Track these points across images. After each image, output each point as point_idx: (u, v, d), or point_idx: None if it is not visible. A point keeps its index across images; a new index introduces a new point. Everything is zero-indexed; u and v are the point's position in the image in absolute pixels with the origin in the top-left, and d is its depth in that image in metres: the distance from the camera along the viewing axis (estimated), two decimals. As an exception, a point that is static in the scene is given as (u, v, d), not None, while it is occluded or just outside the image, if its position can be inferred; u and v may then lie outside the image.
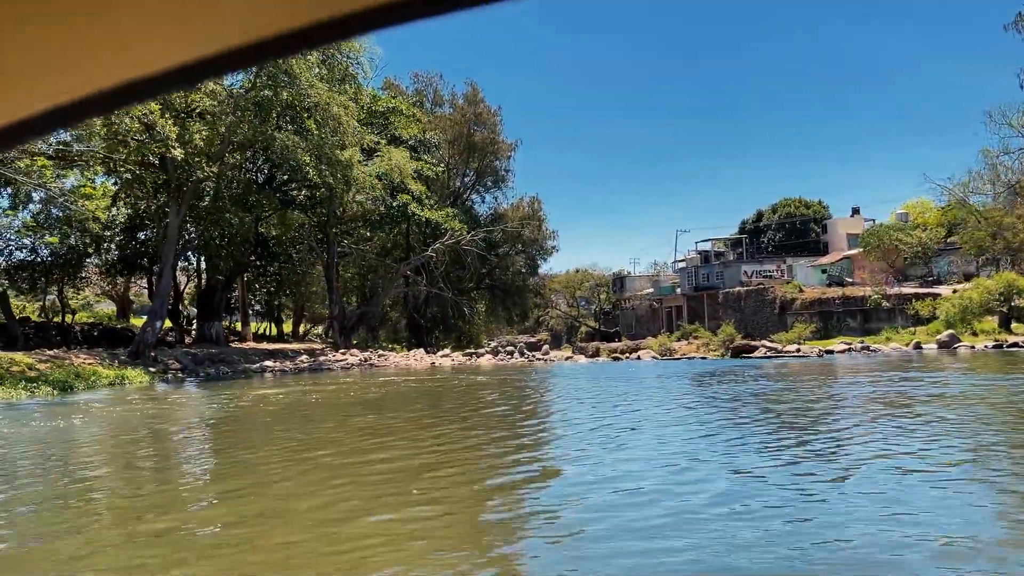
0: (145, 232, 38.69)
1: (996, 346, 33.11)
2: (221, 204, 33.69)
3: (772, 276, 53.10)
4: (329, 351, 40.03)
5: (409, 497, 7.14)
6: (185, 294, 48.05)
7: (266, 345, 42.83)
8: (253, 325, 51.91)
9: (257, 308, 53.37)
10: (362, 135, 36.47)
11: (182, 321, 43.49)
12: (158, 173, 31.52)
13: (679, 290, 60.55)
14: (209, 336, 38.89)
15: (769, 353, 36.10)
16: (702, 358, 38.15)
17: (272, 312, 53.42)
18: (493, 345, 47.60)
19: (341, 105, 33.49)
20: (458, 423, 13.07)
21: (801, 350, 36.66)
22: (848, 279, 52.25)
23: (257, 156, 37.88)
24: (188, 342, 39.79)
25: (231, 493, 7.61)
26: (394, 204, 42.10)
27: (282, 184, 38.68)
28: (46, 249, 33.88)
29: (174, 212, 31.81)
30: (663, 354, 42.28)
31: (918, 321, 40.78)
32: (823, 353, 35.06)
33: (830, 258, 58.39)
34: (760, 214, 71.32)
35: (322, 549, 5.46)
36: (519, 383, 23.40)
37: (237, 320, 49.03)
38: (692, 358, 38.71)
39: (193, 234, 37.37)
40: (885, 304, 43.74)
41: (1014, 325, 36.75)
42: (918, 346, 35.34)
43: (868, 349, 36.10)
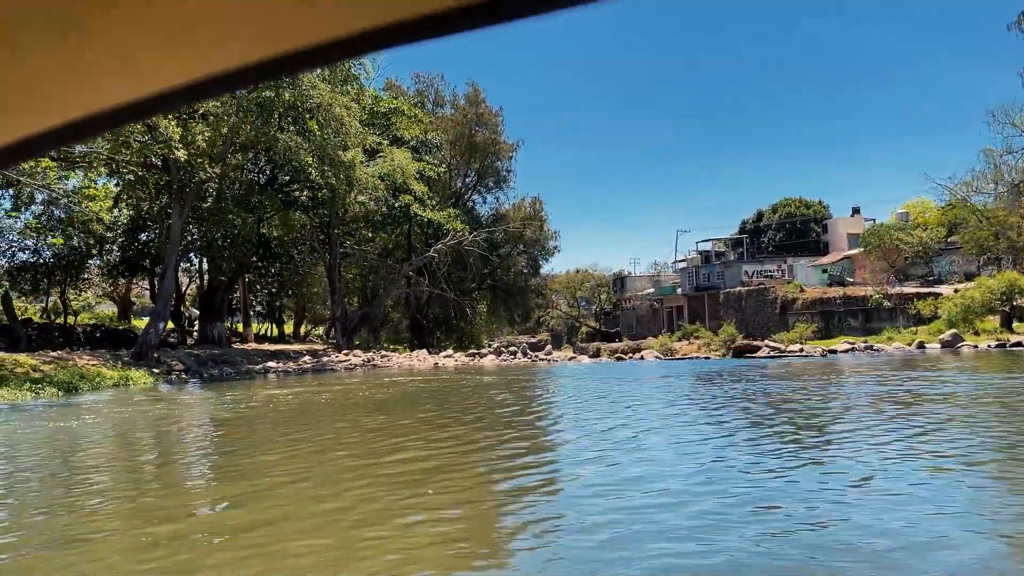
0: (147, 233, 38.67)
1: (999, 345, 33.16)
2: (224, 205, 33.65)
3: (773, 276, 53.12)
4: (332, 352, 39.98)
5: (429, 499, 7.11)
6: (187, 295, 47.98)
7: (268, 346, 42.78)
8: (254, 326, 51.86)
9: (258, 309, 53.33)
10: (364, 136, 36.42)
11: (184, 322, 43.44)
12: (160, 174, 31.45)
13: (680, 290, 60.58)
14: (211, 337, 38.84)
15: (772, 353, 36.11)
16: (705, 358, 38.15)
17: (273, 313, 53.40)
18: (496, 346, 47.55)
19: (343, 106, 33.44)
20: (471, 423, 13.04)
21: (804, 350, 36.68)
22: (849, 279, 52.29)
23: (259, 157, 37.84)
24: (190, 343, 39.75)
25: (250, 495, 7.57)
26: (396, 205, 42.06)
27: (284, 185, 38.62)
28: (49, 250, 33.82)
29: (177, 213, 31.76)
30: (665, 354, 42.28)
31: (919, 321, 40.82)
32: (826, 353, 35.08)
33: (831, 258, 58.43)
34: (760, 214, 71.38)
35: (346, 554, 5.43)
36: (527, 383, 23.38)
37: (239, 321, 48.97)
38: (695, 358, 38.71)
39: (195, 235, 37.33)
40: (887, 304, 43.78)
41: (1015, 324, 36.78)
42: (921, 345, 35.38)
43: (871, 349, 36.12)
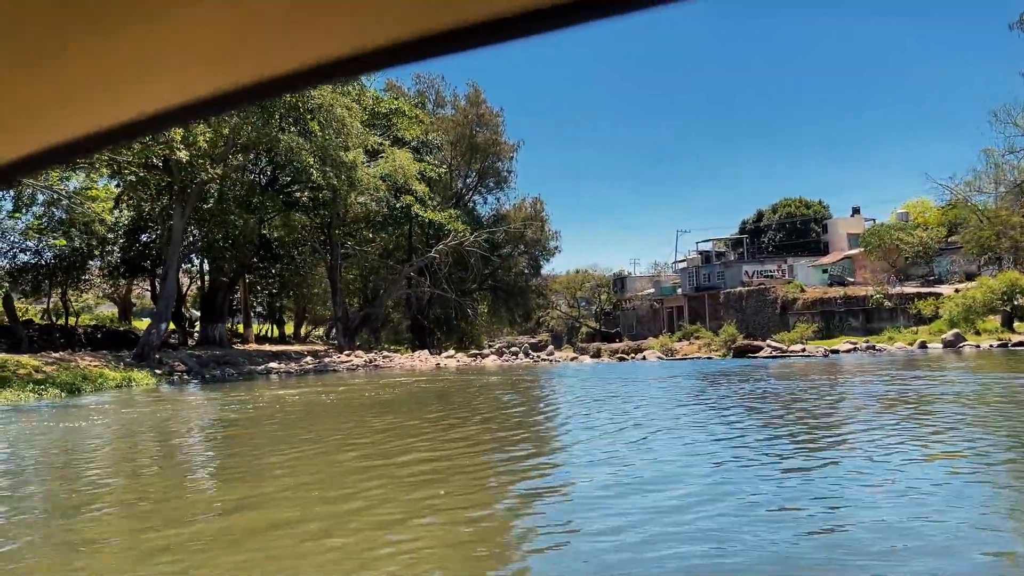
0: (148, 234, 38.59)
1: (1001, 345, 33.19)
2: (225, 206, 33.60)
3: (773, 276, 53.14)
4: (333, 353, 39.93)
5: (442, 500, 7.08)
6: (187, 296, 47.91)
7: (268, 347, 42.70)
8: (255, 327, 51.77)
9: (258, 310, 53.25)
10: (366, 136, 36.39)
11: (185, 323, 43.38)
12: (162, 175, 31.39)
13: (680, 290, 60.59)
14: (212, 338, 38.77)
15: (775, 353, 36.10)
16: (708, 358, 38.14)
17: (274, 314, 53.31)
18: (498, 346, 47.52)
19: (345, 107, 33.42)
20: (481, 424, 13.01)
21: (807, 350, 36.68)
22: (849, 279, 52.33)
23: (260, 158, 37.79)
24: (191, 344, 39.68)
25: (266, 497, 7.53)
26: (398, 205, 42.03)
27: (285, 186, 38.58)
28: (50, 251, 33.76)
29: (178, 214, 31.70)
30: (666, 354, 42.28)
31: (920, 320, 40.85)
32: (829, 353, 35.07)
33: (831, 258, 58.47)
34: (760, 214, 71.42)
35: (363, 556, 5.40)
36: (532, 384, 23.36)
37: (239, 322, 48.89)
38: (697, 358, 38.70)
39: (196, 236, 37.26)
40: (887, 304, 43.81)
41: (1016, 324, 36.80)
42: (923, 345, 35.39)
43: (874, 349, 36.13)
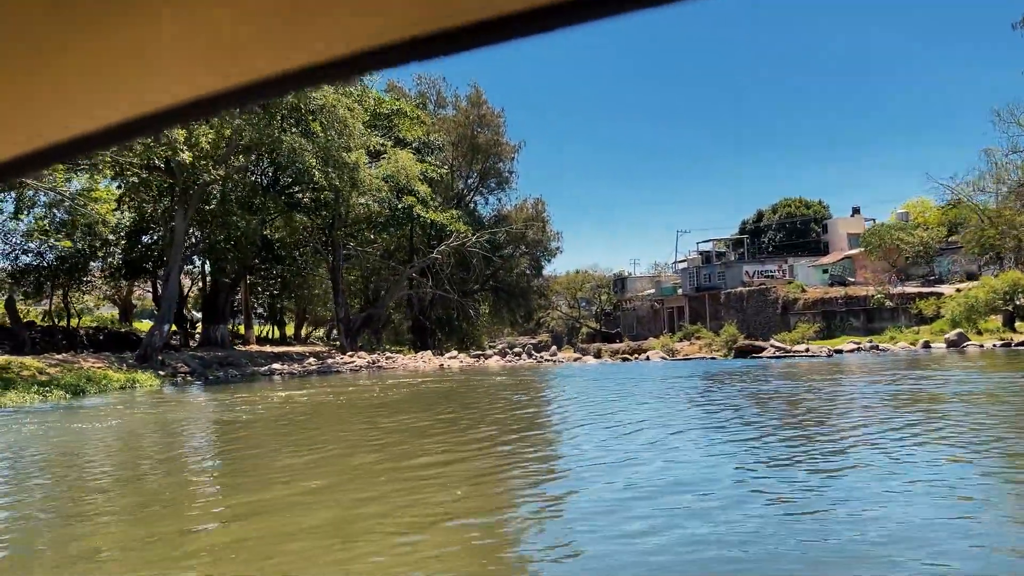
0: (150, 236, 38.51)
1: (1004, 344, 33.26)
2: (227, 207, 33.53)
3: (774, 276, 53.21)
4: (335, 353, 39.87)
5: (461, 503, 7.07)
6: (189, 297, 47.80)
7: (270, 348, 42.61)
8: (255, 328, 51.67)
9: (259, 311, 53.15)
10: (368, 137, 36.35)
11: (187, 324, 43.28)
12: (164, 177, 31.33)
13: (680, 290, 60.65)
14: (214, 339, 38.69)
15: (778, 353, 36.09)
16: (710, 359, 38.14)
17: (275, 315, 53.21)
18: (500, 347, 47.49)
19: (347, 107, 33.38)
20: (494, 425, 12.96)
21: (810, 350, 36.70)
22: (850, 279, 52.40)
23: (262, 159, 37.72)
24: (193, 345, 39.59)
25: (286, 501, 7.48)
26: (399, 206, 41.99)
27: (287, 187, 38.52)
28: (51, 253, 33.67)
29: (180, 215, 31.62)
30: (668, 355, 42.29)
31: (921, 320, 40.91)
32: (832, 353, 35.07)
33: (831, 258, 58.55)
34: (760, 214, 71.50)
35: (383, 558, 5.38)
36: (538, 384, 23.34)
37: (240, 323, 48.80)
38: (700, 359, 38.71)
39: (198, 237, 37.19)
40: (889, 304, 43.87)
41: (1018, 324, 36.86)
42: (927, 345, 35.43)
43: (877, 348, 36.16)
